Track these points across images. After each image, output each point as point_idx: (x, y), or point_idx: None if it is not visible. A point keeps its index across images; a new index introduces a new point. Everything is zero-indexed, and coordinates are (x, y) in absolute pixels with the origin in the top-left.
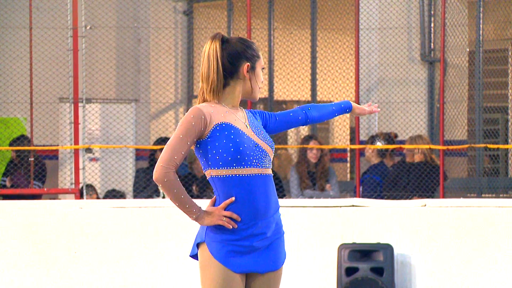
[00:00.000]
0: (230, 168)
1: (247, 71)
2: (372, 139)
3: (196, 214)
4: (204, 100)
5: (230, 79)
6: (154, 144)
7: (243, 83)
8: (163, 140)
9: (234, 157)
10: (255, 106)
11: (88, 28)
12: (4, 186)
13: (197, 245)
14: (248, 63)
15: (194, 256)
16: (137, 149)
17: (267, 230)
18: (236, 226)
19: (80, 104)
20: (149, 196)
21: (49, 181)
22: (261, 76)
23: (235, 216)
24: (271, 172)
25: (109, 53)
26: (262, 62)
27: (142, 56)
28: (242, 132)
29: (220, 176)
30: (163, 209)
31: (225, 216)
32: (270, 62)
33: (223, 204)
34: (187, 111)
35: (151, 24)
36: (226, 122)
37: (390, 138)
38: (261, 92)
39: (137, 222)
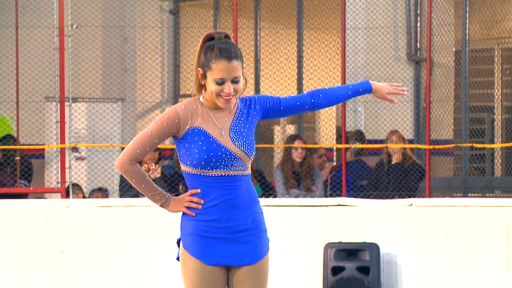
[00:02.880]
0: (196, 169)
1: (201, 77)
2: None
3: (161, 201)
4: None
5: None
6: None
7: (207, 91)
8: None
9: (199, 162)
10: None
11: (74, 27)
12: None
13: (178, 243)
14: (200, 69)
15: (178, 259)
16: (123, 148)
17: (237, 223)
18: (194, 214)
19: (66, 103)
20: (135, 195)
21: (35, 180)
22: (216, 87)
23: (199, 200)
24: (244, 173)
25: (95, 52)
26: (214, 74)
27: (128, 55)
28: (213, 140)
29: (188, 172)
30: (149, 208)
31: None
32: (257, 61)
33: (188, 192)
34: None
35: (138, 23)
36: (199, 127)
37: (362, 136)
38: (238, 96)
39: (123, 221)
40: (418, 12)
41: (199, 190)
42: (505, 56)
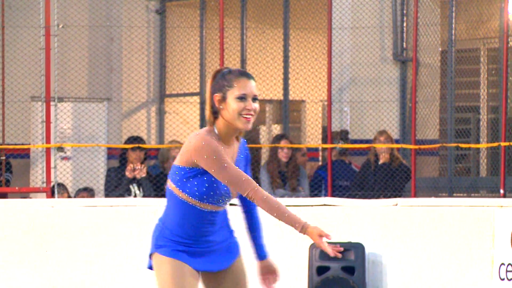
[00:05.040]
0: (192, 198)
1: (219, 102)
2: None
3: (302, 223)
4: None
5: (217, 112)
6: (126, 143)
7: (223, 115)
8: (134, 139)
9: (201, 196)
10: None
11: (60, 26)
12: None
13: (150, 256)
14: (217, 94)
15: (151, 268)
16: (108, 148)
17: (214, 240)
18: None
19: (52, 103)
20: (121, 195)
21: (20, 180)
22: (238, 105)
23: (339, 249)
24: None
25: (81, 51)
26: (236, 91)
27: (114, 55)
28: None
29: (181, 198)
30: (134, 208)
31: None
32: (243, 61)
33: (326, 234)
34: (159, 110)
35: (124, 22)
36: None
37: (346, 136)
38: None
39: (109, 221)
40: (405, 12)
41: (330, 238)
42: (491, 56)
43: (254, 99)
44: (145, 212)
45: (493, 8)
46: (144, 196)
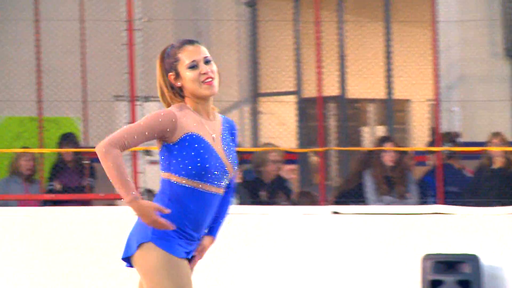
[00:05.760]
0: (190, 179)
1: (175, 81)
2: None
3: (129, 197)
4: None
5: (178, 91)
6: None
7: (185, 91)
8: None
9: (199, 172)
10: (326, 104)
11: (144, 20)
12: (52, 191)
13: (139, 245)
14: (171, 73)
15: (127, 259)
16: None
17: (197, 235)
18: (172, 227)
19: (137, 103)
20: None
21: (105, 186)
22: (192, 73)
23: (168, 224)
24: (223, 192)
25: None
26: (184, 61)
27: None
28: (212, 148)
29: (179, 183)
30: (228, 216)
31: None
32: (341, 57)
33: (155, 206)
34: (252, 110)
35: (212, 16)
36: (196, 133)
37: (455, 138)
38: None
39: None
40: None
41: (168, 211)
42: None
43: (207, 61)
44: (240, 220)
45: None
46: (239, 203)
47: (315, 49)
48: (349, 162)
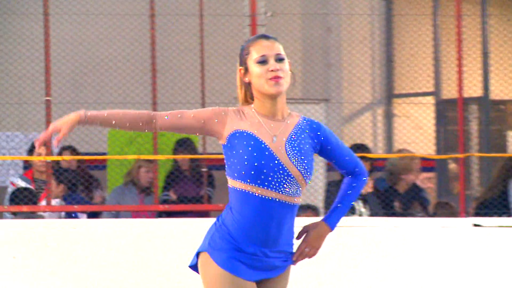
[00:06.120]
0: (244, 183)
1: (243, 75)
2: None
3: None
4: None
5: (248, 88)
6: None
7: (253, 87)
8: (358, 147)
9: (248, 172)
10: (467, 106)
11: (268, 15)
12: (167, 201)
13: (197, 254)
14: (241, 67)
15: (193, 267)
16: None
17: (272, 257)
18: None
19: None
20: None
21: (225, 196)
22: (260, 69)
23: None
24: (297, 201)
25: (293, 44)
26: (254, 55)
27: (332, 47)
28: (265, 146)
29: (234, 187)
30: (359, 229)
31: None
32: (485, 54)
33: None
34: (386, 112)
35: (343, 9)
36: (248, 131)
37: None
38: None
39: (331, 243)
40: None
41: (61, 135)
42: None
43: (279, 59)
44: (372, 234)
45: None
46: (370, 214)
47: (455, 46)
48: (492, 169)
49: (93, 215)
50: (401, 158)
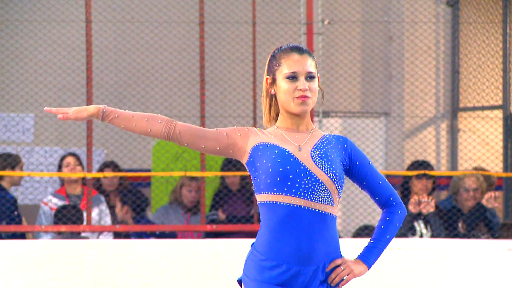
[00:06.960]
0: (270, 193)
1: (270, 85)
2: None
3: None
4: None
5: (274, 100)
6: (409, 168)
7: (277, 100)
8: (420, 164)
9: (274, 179)
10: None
11: (326, 23)
12: (214, 221)
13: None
14: (268, 76)
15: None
16: (387, 175)
17: (310, 279)
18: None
19: (316, 118)
20: (403, 235)
21: None
22: (288, 85)
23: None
24: (331, 211)
25: (352, 54)
26: (285, 69)
27: (394, 58)
28: (289, 154)
29: (262, 202)
30: (420, 251)
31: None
32: None
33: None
34: (451, 127)
35: (406, 17)
36: (270, 142)
37: None
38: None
39: (389, 265)
40: None
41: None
42: None
43: (309, 77)
44: (434, 257)
45: None
46: (432, 236)
47: None
48: None
49: (139, 235)
50: (465, 175)
